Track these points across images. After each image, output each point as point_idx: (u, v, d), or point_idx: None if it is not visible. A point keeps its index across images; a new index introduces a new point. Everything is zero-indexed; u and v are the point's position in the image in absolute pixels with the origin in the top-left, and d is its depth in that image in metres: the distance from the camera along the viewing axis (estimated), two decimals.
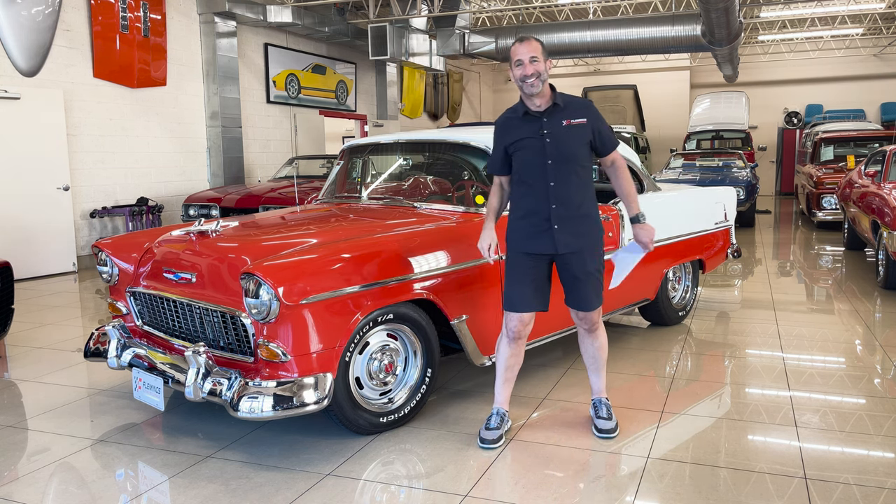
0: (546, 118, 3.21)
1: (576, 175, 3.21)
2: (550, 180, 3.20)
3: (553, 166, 3.19)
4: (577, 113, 3.22)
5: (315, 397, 3.07)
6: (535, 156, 3.21)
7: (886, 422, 3.56)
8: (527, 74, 3.11)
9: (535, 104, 3.21)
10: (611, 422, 3.46)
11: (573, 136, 3.20)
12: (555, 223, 3.20)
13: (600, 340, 3.46)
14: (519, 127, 3.27)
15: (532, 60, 3.11)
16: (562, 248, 3.22)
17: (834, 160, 12.02)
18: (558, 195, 3.19)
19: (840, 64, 19.39)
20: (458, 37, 13.36)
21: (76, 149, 8.99)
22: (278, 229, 3.90)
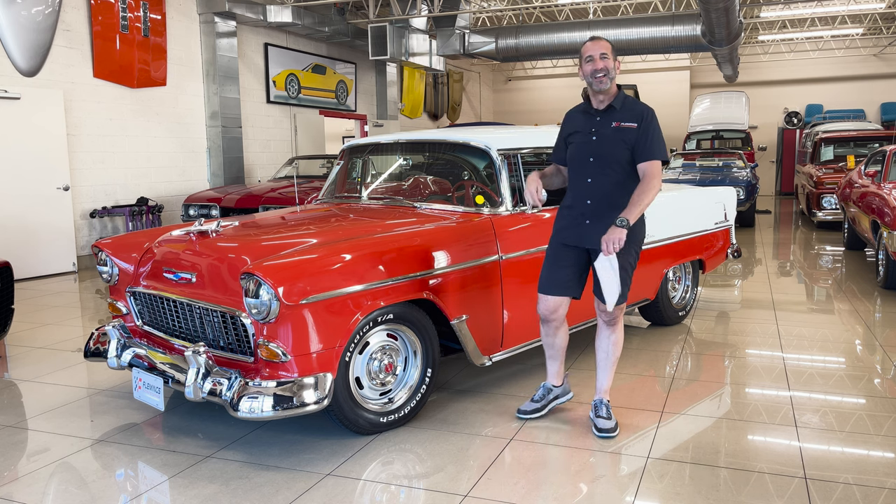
0: (600, 118, 3.35)
1: (614, 175, 3.30)
2: (589, 177, 3.34)
3: (594, 164, 3.32)
4: (629, 117, 3.30)
5: (315, 397, 3.07)
6: (580, 151, 3.38)
7: (886, 422, 3.56)
8: (597, 69, 3.26)
9: (598, 101, 3.36)
10: (610, 421, 3.46)
11: (619, 139, 3.29)
12: (587, 218, 3.33)
13: (616, 336, 3.50)
14: (577, 121, 3.44)
15: (602, 57, 3.26)
16: (587, 244, 3.34)
17: (834, 160, 12.01)
18: (594, 192, 3.32)
19: (840, 64, 19.39)
20: (458, 37, 13.36)
21: (76, 149, 8.99)
22: (278, 229, 3.90)
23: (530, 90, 22.30)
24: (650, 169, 3.26)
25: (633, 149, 3.27)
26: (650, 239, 4.86)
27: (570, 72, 21.55)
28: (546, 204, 4.11)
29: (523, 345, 4.07)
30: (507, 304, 3.87)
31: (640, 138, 3.27)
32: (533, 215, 4.12)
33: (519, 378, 4.30)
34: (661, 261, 5.03)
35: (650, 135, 3.27)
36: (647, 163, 3.26)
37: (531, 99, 22.19)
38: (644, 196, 3.22)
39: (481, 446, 3.35)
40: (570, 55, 13.64)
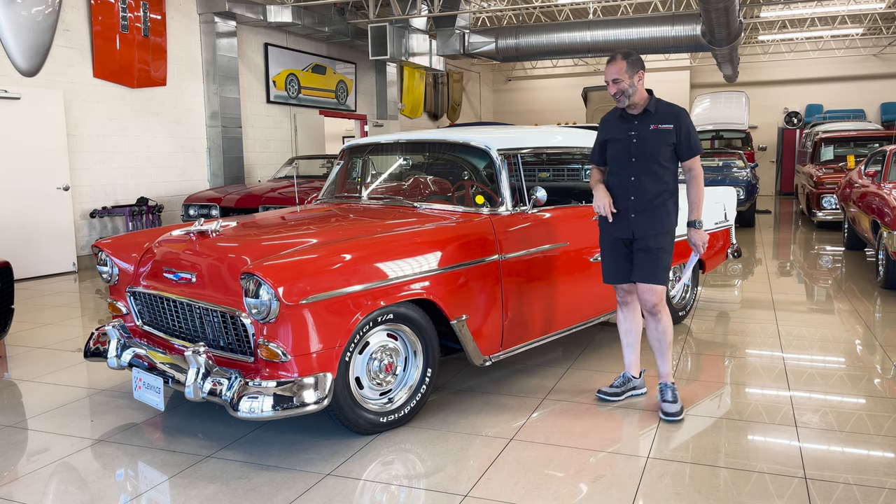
0: (637, 121, 3.63)
1: (655, 173, 3.60)
2: (632, 175, 3.62)
3: (636, 164, 3.61)
4: (666, 119, 3.60)
5: (315, 397, 3.07)
6: (622, 153, 3.66)
7: (886, 422, 3.56)
8: (613, 94, 3.60)
9: (631, 108, 3.64)
10: (676, 405, 3.65)
11: (658, 139, 3.59)
12: (632, 213, 3.63)
13: (663, 324, 3.70)
14: (615, 126, 3.73)
15: (615, 81, 3.57)
16: (638, 233, 3.65)
17: (834, 160, 12.01)
18: (637, 189, 3.61)
19: (840, 64, 19.39)
20: (458, 37, 13.36)
21: (76, 149, 8.99)
22: (278, 229, 3.90)
23: (530, 90, 22.30)
24: (695, 165, 3.65)
25: (673, 147, 3.60)
26: None
27: (569, 72, 21.55)
28: (546, 204, 4.12)
29: (523, 345, 4.07)
30: (507, 304, 3.87)
31: (680, 138, 3.59)
32: (533, 215, 4.12)
33: (519, 378, 4.30)
34: None
35: (689, 132, 3.61)
36: (691, 159, 3.63)
37: (531, 99, 22.19)
38: (701, 192, 3.66)
39: (481, 446, 3.34)
40: (570, 55, 13.64)
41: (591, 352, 4.83)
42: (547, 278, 4.13)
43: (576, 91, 20.05)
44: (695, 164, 3.65)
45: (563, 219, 4.31)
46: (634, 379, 3.95)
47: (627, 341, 3.92)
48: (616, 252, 3.76)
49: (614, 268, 3.79)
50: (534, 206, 4.07)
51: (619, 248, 3.74)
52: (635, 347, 3.92)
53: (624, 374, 3.96)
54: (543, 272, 4.11)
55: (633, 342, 3.92)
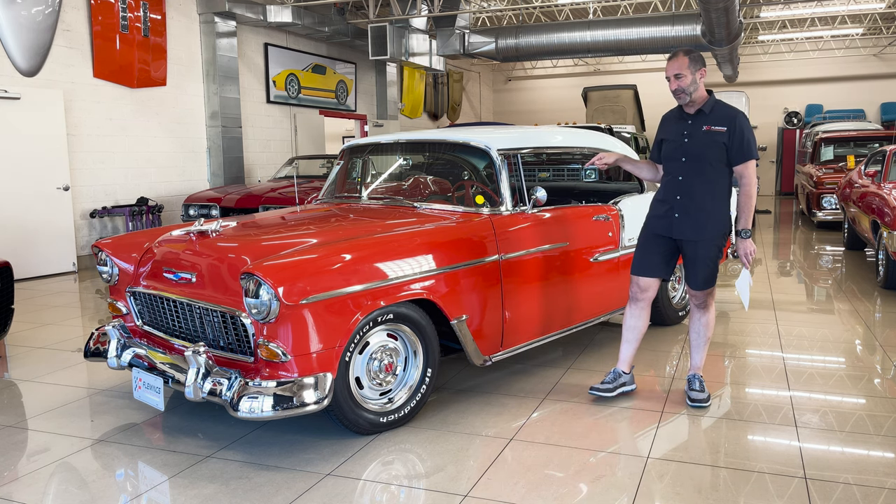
0: (691, 121, 3.63)
1: (704, 175, 3.59)
2: (680, 175, 3.64)
3: (686, 164, 3.62)
4: (720, 121, 3.57)
5: (315, 397, 3.07)
6: (673, 152, 3.68)
7: (886, 422, 3.56)
8: (673, 90, 3.58)
9: (688, 106, 3.63)
10: (703, 393, 3.80)
11: (709, 141, 3.57)
12: (676, 212, 3.65)
13: (707, 317, 3.80)
14: (671, 124, 3.75)
15: (676, 77, 3.55)
16: (676, 235, 3.67)
17: (834, 160, 12.01)
18: (684, 189, 3.63)
19: (840, 64, 19.38)
20: (458, 37, 13.35)
21: (76, 149, 8.99)
22: (278, 229, 3.90)
23: (530, 90, 22.30)
24: (747, 171, 3.58)
25: (726, 151, 3.55)
26: None
27: (570, 72, 21.55)
28: (546, 204, 4.12)
29: (523, 345, 4.07)
30: (507, 304, 3.87)
31: (733, 141, 3.54)
32: (533, 215, 4.11)
33: (519, 378, 4.30)
34: None
35: (743, 136, 3.54)
36: (743, 165, 3.57)
37: (531, 99, 22.19)
38: (750, 200, 3.59)
39: (481, 446, 3.34)
40: (570, 55, 13.63)
41: (592, 352, 4.83)
42: (547, 278, 4.13)
43: (576, 91, 20.04)
44: (746, 170, 3.57)
45: (563, 219, 4.31)
46: (625, 374, 3.96)
47: (628, 337, 3.93)
48: (652, 247, 3.77)
49: (645, 261, 3.79)
50: (534, 206, 4.07)
51: (658, 243, 3.74)
52: (634, 344, 3.94)
53: (615, 370, 3.96)
54: (543, 272, 4.11)
55: (634, 339, 3.93)
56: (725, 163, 3.59)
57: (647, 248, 3.79)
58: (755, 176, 3.59)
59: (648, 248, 3.78)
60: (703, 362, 3.87)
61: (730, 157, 3.58)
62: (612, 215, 4.57)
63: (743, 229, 3.60)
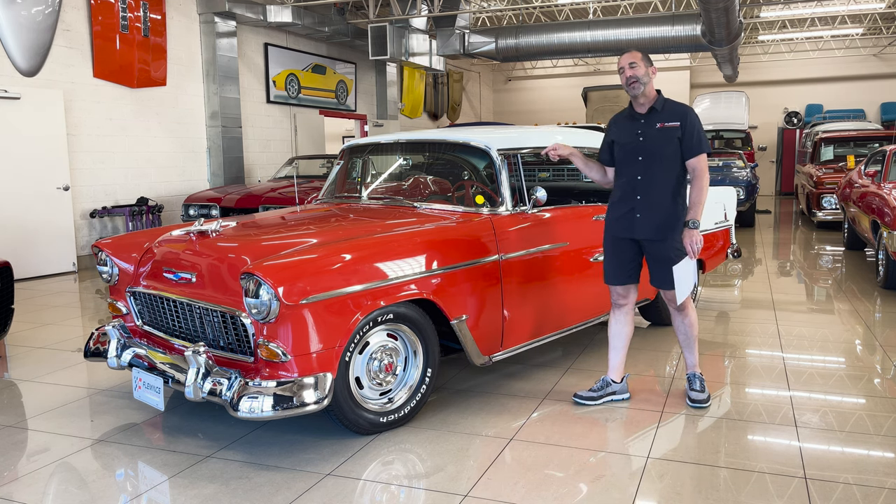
0: (643, 120, 3.63)
1: (663, 172, 3.59)
2: (638, 174, 3.63)
3: (642, 162, 3.61)
4: (671, 117, 3.59)
5: (315, 397, 3.07)
6: (629, 153, 3.66)
7: (886, 422, 3.56)
8: (627, 77, 3.56)
9: (639, 105, 3.64)
10: (703, 394, 3.78)
11: (665, 138, 3.58)
12: (637, 212, 3.62)
13: (689, 318, 3.77)
14: (622, 125, 3.74)
15: (631, 66, 3.55)
16: (639, 235, 3.64)
17: (834, 160, 12.01)
18: (643, 188, 3.61)
19: (840, 64, 19.39)
20: (458, 37, 13.35)
21: (76, 149, 8.99)
22: (278, 229, 3.90)
23: (530, 90, 22.30)
24: (700, 164, 3.59)
25: (680, 146, 3.57)
26: None
27: (569, 72, 21.55)
28: (546, 204, 4.12)
29: (523, 345, 4.07)
30: (507, 304, 3.87)
31: (685, 135, 3.57)
32: (533, 215, 4.11)
33: (519, 378, 4.30)
34: None
35: (695, 130, 3.57)
36: (696, 158, 3.58)
37: (531, 99, 22.19)
38: (703, 194, 3.58)
39: (481, 446, 3.35)
40: (570, 55, 13.63)
41: (592, 352, 4.83)
42: (547, 278, 4.13)
43: (576, 91, 20.04)
44: (699, 162, 3.58)
45: (563, 219, 4.31)
46: (615, 383, 3.88)
47: (615, 344, 3.89)
48: (619, 252, 3.74)
49: (616, 269, 3.77)
50: (534, 206, 4.07)
51: (623, 248, 3.72)
52: (621, 351, 3.88)
53: (604, 378, 3.89)
54: (543, 272, 4.11)
55: (621, 346, 3.88)
56: (680, 158, 3.59)
57: (614, 254, 3.76)
58: (707, 170, 3.59)
59: (615, 254, 3.76)
60: (698, 359, 3.88)
61: (683, 151, 3.57)
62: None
63: (692, 220, 3.55)
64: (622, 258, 3.74)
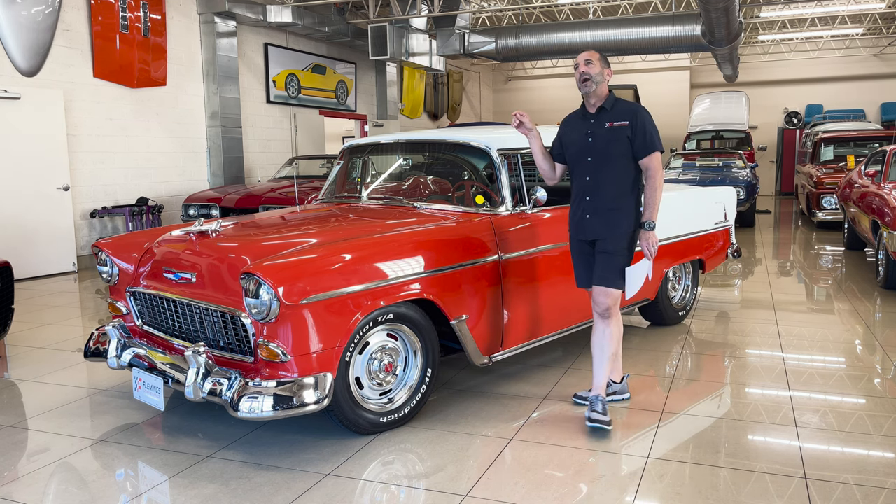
0: (594, 119, 3.56)
1: (612, 172, 3.49)
2: (588, 175, 3.54)
3: (592, 163, 3.53)
4: (621, 116, 3.51)
5: (315, 397, 3.07)
6: (579, 153, 3.58)
7: (886, 422, 3.56)
8: (581, 72, 3.50)
9: (590, 104, 3.58)
10: (606, 416, 3.49)
11: (614, 137, 3.49)
12: (587, 213, 3.54)
13: (612, 330, 3.57)
14: (573, 125, 3.67)
15: (586, 63, 3.49)
16: (590, 236, 3.56)
17: (834, 160, 12.01)
18: (593, 189, 3.52)
19: (840, 64, 19.38)
20: (458, 37, 13.35)
21: (76, 149, 8.99)
22: (278, 229, 3.90)
23: (530, 90, 22.30)
24: (652, 163, 3.47)
25: (630, 145, 3.47)
26: None
27: (570, 72, 21.50)
28: (546, 204, 4.12)
29: (523, 345, 4.07)
30: (507, 304, 3.87)
31: (636, 134, 3.46)
32: (533, 215, 4.11)
33: (519, 378, 4.30)
34: (661, 261, 5.03)
35: (645, 129, 3.47)
36: (648, 157, 3.47)
37: (531, 99, 22.18)
38: (657, 194, 3.47)
39: (481, 446, 3.35)
40: (570, 55, 13.62)
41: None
42: (547, 278, 4.13)
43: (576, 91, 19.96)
44: (651, 162, 3.46)
45: (563, 219, 4.29)
46: (614, 384, 3.85)
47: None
48: (581, 255, 3.65)
49: (582, 272, 3.68)
50: (534, 206, 4.07)
51: (584, 250, 3.63)
52: (618, 354, 3.75)
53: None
54: (543, 272, 4.11)
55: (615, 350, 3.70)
56: (631, 158, 3.48)
57: (579, 258, 3.66)
58: (661, 168, 3.48)
59: (580, 258, 3.66)
60: (605, 381, 3.57)
61: (634, 150, 3.47)
62: None
63: (647, 221, 3.45)
64: (585, 261, 3.63)
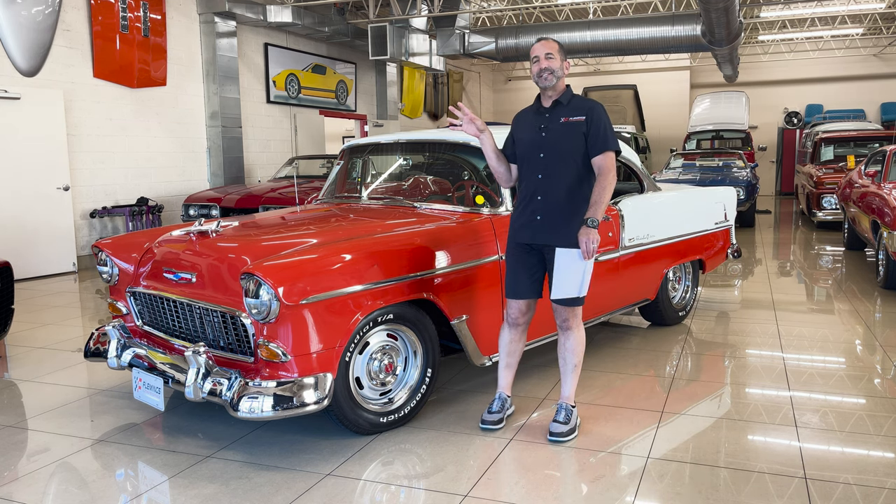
0: (548, 114, 3.38)
1: (564, 170, 3.30)
2: (539, 173, 3.34)
3: (545, 160, 3.33)
4: (577, 111, 3.33)
5: (315, 397, 3.07)
6: (531, 149, 3.38)
7: (886, 422, 3.56)
8: (542, 68, 3.32)
9: (546, 98, 3.41)
10: (565, 426, 3.39)
11: (569, 133, 3.31)
12: (538, 214, 3.32)
13: (573, 341, 3.41)
14: (527, 120, 3.47)
15: (547, 56, 3.33)
16: (540, 240, 3.32)
17: (834, 160, 12.02)
18: (545, 188, 3.32)
19: (840, 64, 19.39)
20: (458, 37, 13.36)
21: (76, 149, 8.99)
22: (278, 229, 3.90)
23: (530, 90, 22.28)
24: (605, 162, 3.28)
25: (585, 142, 3.29)
26: (650, 239, 4.86)
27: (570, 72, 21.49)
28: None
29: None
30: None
31: (591, 131, 3.29)
32: None
33: (519, 378, 4.30)
34: (661, 261, 5.03)
35: (601, 126, 3.29)
36: (602, 156, 3.28)
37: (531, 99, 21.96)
38: (605, 193, 3.24)
39: (481, 446, 3.35)
40: (570, 55, 13.57)
41: (591, 352, 4.83)
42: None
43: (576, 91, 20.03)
44: (605, 161, 3.26)
45: None
46: (509, 398, 3.65)
47: (510, 362, 3.57)
48: (520, 263, 3.41)
49: (516, 282, 3.41)
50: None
51: (524, 258, 3.39)
52: (515, 368, 3.60)
53: (500, 396, 3.61)
54: None
55: (515, 363, 3.59)
56: (585, 156, 3.29)
57: (517, 266, 3.41)
58: (613, 169, 3.26)
59: (518, 266, 3.41)
60: (572, 391, 3.45)
61: (588, 147, 3.28)
62: (612, 215, 4.56)
63: (590, 218, 3.19)
64: (523, 269, 3.40)
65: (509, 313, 3.48)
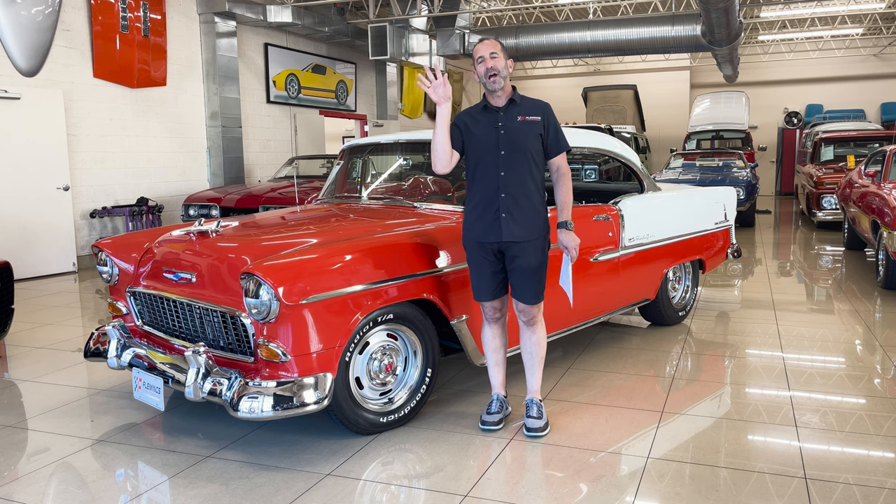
0: (503, 112, 3.36)
1: (527, 167, 3.34)
2: (501, 170, 3.33)
3: (505, 157, 3.33)
4: (532, 111, 3.38)
5: (315, 397, 3.07)
6: (488, 146, 3.34)
7: (886, 422, 3.56)
8: (488, 68, 3.27)
9: (496, 98, 3.37)
10: (540, 420, 3.46)
11: (527, 131, 3.34)
12: (503, 212, 3.32)
13: (538, 335, 3.48)
14: (477, 119, 3.41)
15: (492, 56, 3.29)
16: (507, 237, 3.32)
17: (834, 160, 12.01)
18: (508, 185, 3.32)
19: (840, 64, 19.39)
20: (458, 37, 13.36)
21: (76, 149, 8.99)
22: (278, 229, 3.90)
23: (530, 90, 22.29)
24: (563, 162, 3.44)
25: (541, 141, 3.36)
26: (650, 239, 4.86)
27: (569, 72, 21.55)
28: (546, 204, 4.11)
29: None
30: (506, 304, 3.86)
31: (548, 131, 3.37)
32: None
33: (519, 378, 4.29)
34: (661, 261, 5.03)
35: (556, 127, 3.41)
36: (560, 156, 3.42)
37: None
38: (570, 194, 3.43)
39: (481, 446, 3.35)
40: (570, 55, 13.64)
41: (591, 352, 4.83)
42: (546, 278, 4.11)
43: (576, 91, 20.05)
44: (563, 161, 3.41)
45: None
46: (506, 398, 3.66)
47: (497, 360, 3.56)
48: (483, 263, 3.39)
49: (483, 283, 3.41)
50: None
51: (487, 257, 3.37)
52: (504, 365, 3.60)
53: (497, 397, 3.60)
54: None
55: (503, 360, 3.59)
56: (540, 155, 3.36)
57: (481, 266, 3.39)
58: (568, 168, 3.44)
59: (482, 266, 3.39)
60: (538, 384, 3.52)
61: (546, 148, 3.37)
62: (612, 215, 4.56)
63: (567, 221, 3.36)
64: (488, 269, 3.38)
65: (486, 312, 3.51)
